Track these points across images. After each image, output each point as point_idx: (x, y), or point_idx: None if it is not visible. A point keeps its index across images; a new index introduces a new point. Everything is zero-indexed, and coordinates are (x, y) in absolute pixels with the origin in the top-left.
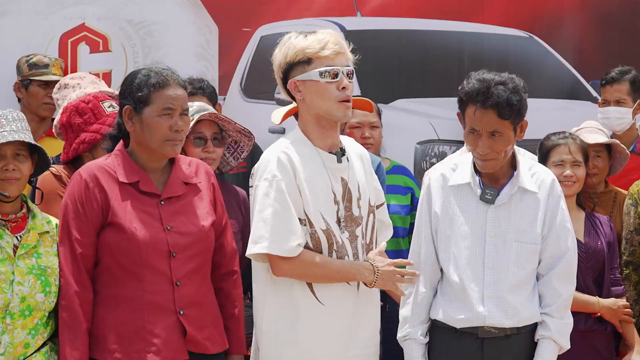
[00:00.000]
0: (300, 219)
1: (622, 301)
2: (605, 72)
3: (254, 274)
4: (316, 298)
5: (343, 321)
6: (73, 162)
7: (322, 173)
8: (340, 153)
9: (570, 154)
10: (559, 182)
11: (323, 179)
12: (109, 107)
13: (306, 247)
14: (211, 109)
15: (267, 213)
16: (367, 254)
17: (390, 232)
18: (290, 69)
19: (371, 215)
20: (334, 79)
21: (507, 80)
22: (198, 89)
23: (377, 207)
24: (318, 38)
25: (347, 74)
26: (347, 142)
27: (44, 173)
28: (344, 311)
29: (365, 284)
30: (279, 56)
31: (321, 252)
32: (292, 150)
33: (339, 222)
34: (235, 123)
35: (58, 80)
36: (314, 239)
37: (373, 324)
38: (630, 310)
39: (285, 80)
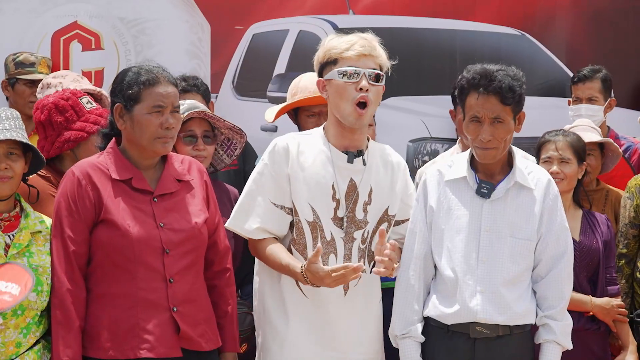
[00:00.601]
0: (285, 207)
1: (617, 301)
2: (577, 71)
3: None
4: (300, 290)
5: (325, 319)
6: (51, 161)
7: (326, 168)
8: (354, 154)
9: (556, 150)
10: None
11: (326, 173)
12: (87, 103)
13: (290, 235)
14: (202, 107)
15: (244, 192)
16: (367, 260)
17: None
18: (322, 68)
19: (384, 224)
20: (352, 79)
21: (507, 68)
22: (192, 86)
23: (401, 222)
24: (348, 39)
25: (374, 77)
26: (383, 149)
27: (31, 176)
28: (328, 309)
29: None
30: (317, 56)
31: (304, 244)
32: (299, 141)
33: (337, 220)
34: (225, 121)
35: (41, 79)
36: (297, 229)
37: (370, 332)
38: (624, 310)
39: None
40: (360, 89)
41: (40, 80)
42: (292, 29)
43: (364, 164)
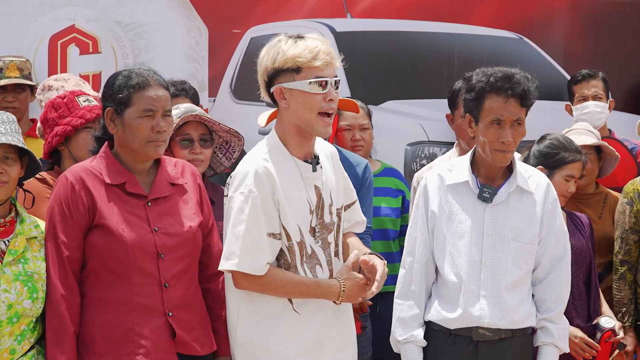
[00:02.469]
0: (274, 234)
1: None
2: (575, 73)
3: (226, 282)
4: (292, 306)
5: (316, 329)
6: (52, 158)
7: (298, 184)
8: (315, 161)
9: (580, 170)
10: (560, 195)
11: (299, 189)
12: (84, 101)
13: (284, 259)
14: (199, 110)
15: (240, 229)
16: (342, 259)
17: (362, 227)
18: (277, 74)
19: (337, 218)
20: (322, 90)
21: (520, 71)
22: (181, 90)
23: (347, 207)
24: (310, 47)
25: (335, 84)
26: (319, 144)
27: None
28: (317, 319)
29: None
30: (267, 59)
31: (295, 266)
32: (270, 161)
33: (312, 231)
34: (220, 124)
35: (13, 84)
36: (291, 252)
37: (348, 333)
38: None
39: (269, 84)
40: (330, 99)
41: (8, 85)
42: None
43: (321, 167)
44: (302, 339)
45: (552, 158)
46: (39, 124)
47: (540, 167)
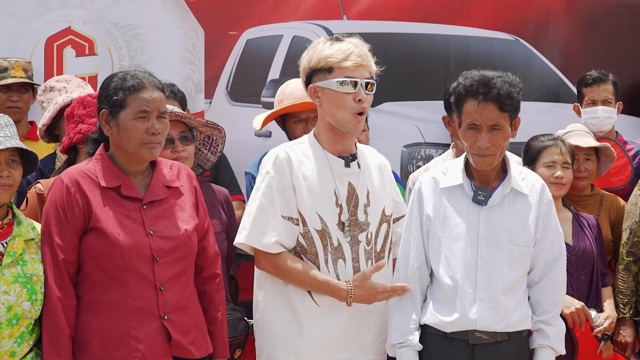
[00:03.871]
0: (292, 218)
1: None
2: (585, 75)
3: (255, 270)
4: (312, 299)
5: (337, 323)
6: (69, 154)
7: (326, 174)
8: (350, 158)
9: (561, 155)
10: (549, 183)
11: (326, 180)
12: None
13: (299, 246)
14: (175, 109)
15: (253, 206)
16: (375, 262)
17: None
18: (312, 74)
19: (384, 224)
20: (351, 90)
21: (504, 75)
22: (170, 92)
23: (397, 219)
24: (342, 48)
25: (367, 86)
26: (368, 151)
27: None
28: (339, 313)
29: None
30: (305, 60)
31: (315, 252)
32: (297, 150)
33: (341, 225)
34: (196, 118)
35: (17, 83)
36: (307, 238)
37: (375, 331)
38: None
39: (307, 83)
40: (359, 100)
41: (13, 84)
42: (286, 35)
43: (359, 167)
44: (320, 331)
45: (527, 153)
46: (39, 125)
47: (525, 167)
